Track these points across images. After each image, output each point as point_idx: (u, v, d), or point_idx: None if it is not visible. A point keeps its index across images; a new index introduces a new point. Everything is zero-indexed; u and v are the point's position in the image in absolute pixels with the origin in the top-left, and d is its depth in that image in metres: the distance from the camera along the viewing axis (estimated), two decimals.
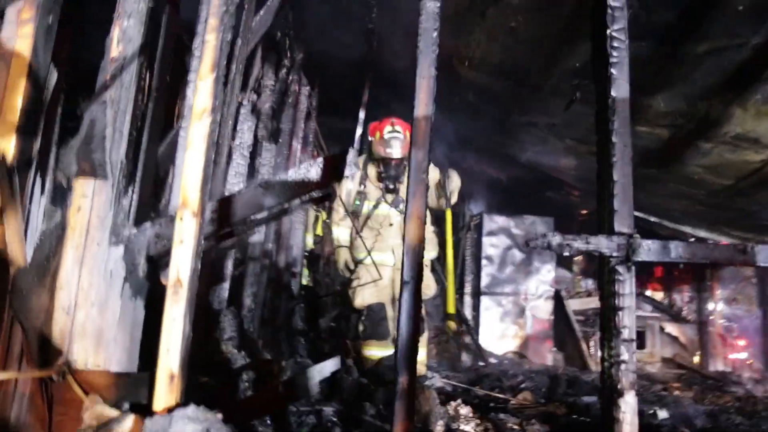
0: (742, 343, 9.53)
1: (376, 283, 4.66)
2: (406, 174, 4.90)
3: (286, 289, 4.47)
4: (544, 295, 7.51)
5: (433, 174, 4.82)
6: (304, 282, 6.10)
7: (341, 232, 4.98)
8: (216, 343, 2.72)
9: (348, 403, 2.64)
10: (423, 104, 1.74)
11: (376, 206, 4.78)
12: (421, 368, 4.66)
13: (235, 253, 3.70)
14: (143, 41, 1.88)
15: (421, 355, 4.67)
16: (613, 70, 1.67)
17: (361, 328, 4.70)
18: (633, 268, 1.59)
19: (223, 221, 2.19)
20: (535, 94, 4.57)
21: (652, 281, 9.88)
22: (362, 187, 4.80)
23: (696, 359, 9.03)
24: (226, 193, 3.07)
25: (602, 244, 1.57)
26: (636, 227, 1.62)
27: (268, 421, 2.22)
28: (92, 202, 1.76)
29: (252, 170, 4.25)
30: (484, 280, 7.38)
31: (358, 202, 4.76)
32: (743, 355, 9.49)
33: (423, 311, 4.77)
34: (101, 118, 1.78)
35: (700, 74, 3.80)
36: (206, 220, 1.96)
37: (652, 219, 6.05)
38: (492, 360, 6.67)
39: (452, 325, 4.37)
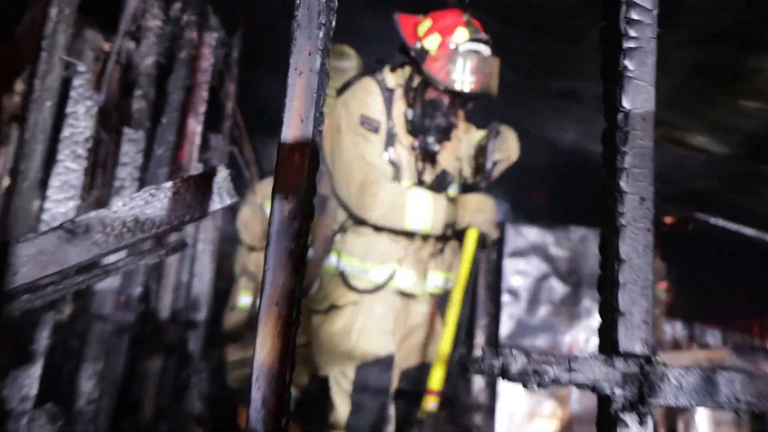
0: None
1: (387, 317, 2.64)
2: (461, 126, 2.86)
3: (174, 351, 3.18)
4: None
5: (471, 136, 2.87)
6: None
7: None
8: None
9: None
10: (296, 117, 0.78)
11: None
12: None
13: (55, 319, 2.50)
14: None
15: None
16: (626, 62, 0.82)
17: (344, 406, 2.55)
18: (649, 416, 0.76)
19: None
20: (573, 49, 2.90)
21: None
22: (390, 150, 2.65)
23: None
24: (45, 218, 1.89)
25: (596, 372, 0.77)
26: None
27: None
28: None
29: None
30: (506, 326, 5.50)
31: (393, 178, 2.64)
32: None
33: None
34: None
35: None
36: None
37: (747, 232, 4.43)
38: None
39: (429, 408, 2.78)
